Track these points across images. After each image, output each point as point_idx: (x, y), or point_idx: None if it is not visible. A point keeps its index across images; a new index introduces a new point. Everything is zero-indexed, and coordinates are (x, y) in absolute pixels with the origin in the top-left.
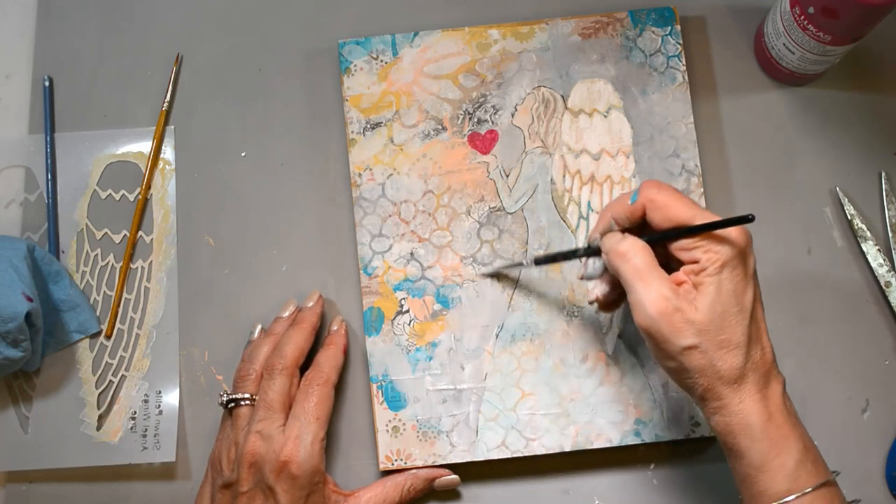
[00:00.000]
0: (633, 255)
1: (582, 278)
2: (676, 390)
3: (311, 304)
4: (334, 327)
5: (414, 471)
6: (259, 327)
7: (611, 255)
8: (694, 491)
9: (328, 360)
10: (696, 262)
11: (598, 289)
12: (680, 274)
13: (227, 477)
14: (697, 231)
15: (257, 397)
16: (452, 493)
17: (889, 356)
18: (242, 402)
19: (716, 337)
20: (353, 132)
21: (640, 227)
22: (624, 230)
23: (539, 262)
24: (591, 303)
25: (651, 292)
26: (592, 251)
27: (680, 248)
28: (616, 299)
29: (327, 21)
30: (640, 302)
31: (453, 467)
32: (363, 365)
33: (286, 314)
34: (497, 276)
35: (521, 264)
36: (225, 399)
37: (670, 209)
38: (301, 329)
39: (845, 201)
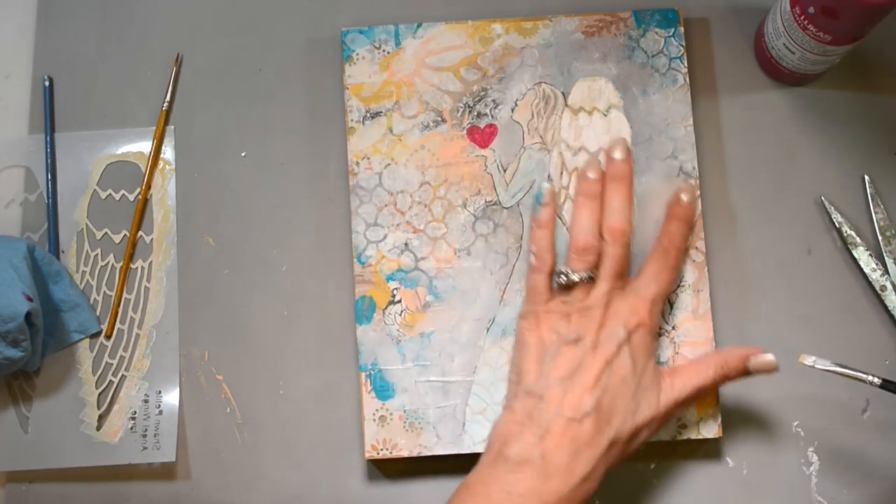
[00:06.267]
0: None
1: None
2: None
3: (618, 154)
4: (684, 197)
5: (729, 349)
6: (547, 186)
7: None
8: (694, 491)
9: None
10: None
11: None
12: None
13: (567, 335)
14: None
15: (601, 269)
16: (439, 482)
17: (889, 356)
18: (585, 279)
19: None
20: (352, 120)
21: None
22: None
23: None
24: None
25: None
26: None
27: None
28: None
29: (328, 19)
30: None
31: (439, 459)
32: (352, 353)
33: (593, 175)
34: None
35: (867, 381)
36: (575, 277)
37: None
38: (624, 186)
39: (832, 209)
